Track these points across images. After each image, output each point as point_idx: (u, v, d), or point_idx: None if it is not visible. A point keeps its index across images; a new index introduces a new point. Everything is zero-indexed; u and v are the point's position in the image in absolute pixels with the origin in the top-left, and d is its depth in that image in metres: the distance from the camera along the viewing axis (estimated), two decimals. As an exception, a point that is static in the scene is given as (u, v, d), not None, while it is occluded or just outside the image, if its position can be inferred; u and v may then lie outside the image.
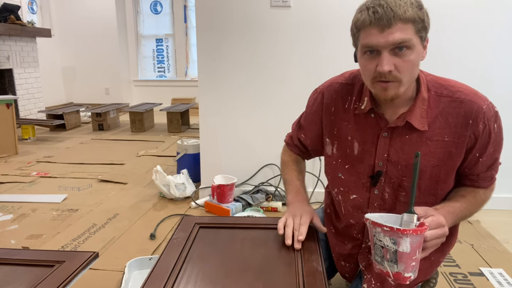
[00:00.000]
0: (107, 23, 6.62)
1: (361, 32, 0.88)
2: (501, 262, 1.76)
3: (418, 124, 0.94)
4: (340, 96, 1.06)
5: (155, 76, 7.19)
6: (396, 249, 0.75)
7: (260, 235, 1.03)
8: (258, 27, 2.28)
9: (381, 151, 0.99)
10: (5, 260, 0.90)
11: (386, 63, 0.85)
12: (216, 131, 2.45)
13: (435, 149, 0.95)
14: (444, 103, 0.94)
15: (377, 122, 0.99)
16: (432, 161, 0.95)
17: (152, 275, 0.83)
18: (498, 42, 2.16)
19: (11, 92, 5.02)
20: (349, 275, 1.19)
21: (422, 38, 0.87)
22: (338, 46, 2.24)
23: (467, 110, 0.92)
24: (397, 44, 0.84)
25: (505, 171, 2.32)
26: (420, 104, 0.94)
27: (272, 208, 2.33)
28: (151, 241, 1.97)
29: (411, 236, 0.73)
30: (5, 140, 3.61)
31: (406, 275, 0.76)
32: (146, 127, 4.89)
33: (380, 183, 1.01)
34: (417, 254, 0.76)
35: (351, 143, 1.03)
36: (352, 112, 1.03)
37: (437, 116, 0.94)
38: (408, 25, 0.83)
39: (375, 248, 0.79)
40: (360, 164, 1.03)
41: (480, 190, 1.02)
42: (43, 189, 2.73)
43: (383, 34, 0.83)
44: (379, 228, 0.76)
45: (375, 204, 1.04)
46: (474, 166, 0.98)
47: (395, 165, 0.98)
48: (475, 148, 0.95)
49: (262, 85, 2.35)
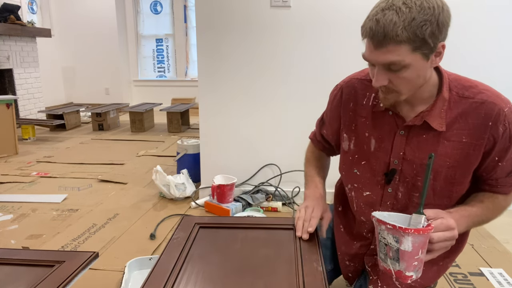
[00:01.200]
0: (107, 23, 6.62)
1: (364, 40, 0.87)
2: (501, 262, 1.76)
3: (436, 125, 0.92)
4: (359, 92, 1.05)
5: (155, 76, 7.19)
6: (398, 248, 0.75)
7: (260, 235, 1.03)
8: (258, 27, 2.28)
9: (397, 149, 0.98)
10: (5, 260, 0.90)
11: (377, 80, 0.86)
12: (216, 131, 2.45)
13: (452, 150, 0.93)
14: (465, 104, 0.91)
15: (394, 120, 0.98)
16: (448, 162, 0.94)
17: (152, 275, 0.83)
18: (500, 41, 2.17)
19: (11, 92, 5.02)
20: (352, 276, 1.18)
21: (424, 54, 0.82)
22: (338, 46, 2.24)
23: (488, 112, 0.89)
24: (387, 65, 0.83)
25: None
26: (440, 104, 0.92)
27: (272, 208, 2.33)
28: (151, 241, 1.97)
29: (413, 235, 0.74)
30: (5, 140, 3.61)
31: (407, 274, 0.76)
32: (146, 127, 4.89)
33: (394, 181, 1.00)
34: (420, 254, 0.76)
35: (368, 139, 1.03)
36: (371, 108, 1.02)
37: (457, 117, 0.92)
38: (401, 45, 0.80)
39: (380, 245, 0.80)
40: (376, 161, 1.02)
41: (500, 196, 0.98)
42: (43, 189, 2.73)
43: (376, 52, 0.83)
44: (383, 225, 0.77)
45: (388, 203, 1.03)
46: (493, 170, 0.95)
47: (410, 164, 0.97)
48: (493, 151, 0.92)
49: (262, 85, 2.35)
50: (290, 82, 2.33)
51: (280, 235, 1.03)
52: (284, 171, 2.45)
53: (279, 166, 2.45)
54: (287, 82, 2.33)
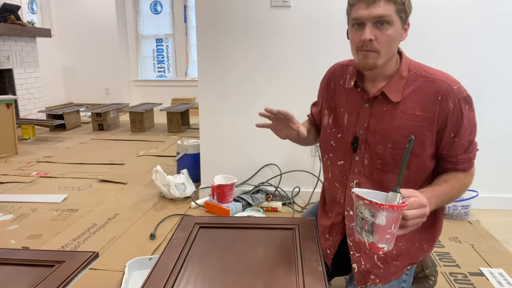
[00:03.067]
0: (107, 23, 6.62)
1: (352, 8, 1.03)
2: (501, 262, 1.76)
3: (393, 96, 1.06)
4: (339, 74, 1.22)
5: (155, 76, 7.19)
6: (373, 221, 0.81)
7: (260, 235, 1.03)
8: (258, 27, 2.28)
9: (362, 121, 1.12)
10: (5, 260, 0.90)
11: (368, 33, 1.00)
12: (216, 131, 2.45)
13: (407, 122, 1.06)
14: (420, 82, 1.06)
15: (361, 95, 1.13)
16: (404, 133, 1.06)
17: (152, 275, 0.83)
18: (497, 39, 2.17)
19: (11, 92, 5.02)
20: (330, 251, 1.22)
21: (401, 18, 1.01)
22: (338, 46, 2.24)
23: (438, 88, 1.04)
24: (378, 18, 0.99)
25: (505, 171, 2.33)
26: (397, 79, 1.07)
27: (272, 208, 2.33)
28: (151, 241, 1.97)
29: (388, 210, 0.80)
30: (5, 140, 3.61)
31: (379, 246, 0.83)
32: (146, 127, 4.89)
33: (360, 150, 1.13)
34: (393, 228, 0.82)
35: (343, 114, 1.17)
36: (345, 87, 1.18)
37: (412, 93, 1.06)
38: (390, 4, 0.99)
39: (357, 219, 0.86)
40: (347, 133, 1.16)
41: (461, 174, 1.09)
42: (43, 189, 2.73)
43: (368, 8, 0.99)
44: (361, 201, 0.83)
45: (356, 170, 1.14)
46: (451, 147, 1.06)
47: (373, 133, 1.10)
48: (447, 127, 1.04)
49: (262, 85, 2.35)
50: (290, 82, 2.33)
51: (280, 235, 1.03)
52: (284, 171, 2.45)
53: (279, 166, 2.45)
54: (287, 82, 2.33)
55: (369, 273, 1.11)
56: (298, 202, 2.44)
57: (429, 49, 2.15)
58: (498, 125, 2.25)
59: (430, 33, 2.15)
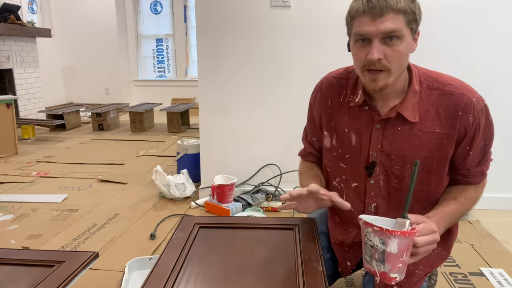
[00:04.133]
0: (107, 23, 6.61)
1: (355, 21, 0.90)
2: (501, 262, 1.76)
3: (410, 116, 0.97)
4: (336, 89, 1.10)
5: (155, 76, 7.19)
6: (384, 249, 0.77)
7: (260, 235, 1.03)
8: (258, 27, 2.28)
9: (375, 142, 1.03)
10: (5, 260, 0.90)
11: (376, 51, 0.88)
12: (216, 131, 2.45)
13: (426, 141, 0.98)
14: (435, 96, 0.97)
15: (371, 114, 1.03)
16: (424, 152, 0.99)
17: (152, 275, 0.83)
18: (496, 38, 2.17)
19: (11, 92, 5.02)
20: (350, 264, 1.18)
21: (412, 29, 0.90)
22: (338, 46, 2.24)
23: (457, 103, 0.95)
24: (387, 33, 0.87)
25: (505, 171, 2.33)
26: (411, 96, 0.98)
27: (272, 208, 2.33)
28: (151, 241, 1.97)
29: (399, 237, 0.76)
30: (5, 140, 3.61)
31: (392, 276, 0.78)
32: (146, 127, 4.89)
33: (375, 173, 1.05)
34: (404, 256, 0.78)
35: (348, 134, 1.07)
36: (347, 105, 1.07)
37: (428, 109, 0.97)
38: (399, 15, 0.86)
39: (366, 247, 0.82)
40: (359, 155, 1.06)
41: (471, 188, 1.04)
42: (43, 189, 2.73)
43: (375, 22, 0.86)
44: (370, 228, 0.79)
45: (372, 193, 1.07)
46: (465, 159, 1.01)
47: (388, 155, 1.02)
48: (464, 140, 0.98)
49: (262, 85, 2.35)
50: (290, 81, 2.33)
51: (280, 235, 1.03)
52: (284, 171, 2.45)
53: (279, 166, 2.45)
54: (287, 81, 2.33)
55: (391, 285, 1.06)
56: (298, 202, 2.43)
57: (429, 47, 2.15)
58: (498, 125, 2.25)
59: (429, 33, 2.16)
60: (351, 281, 1.60)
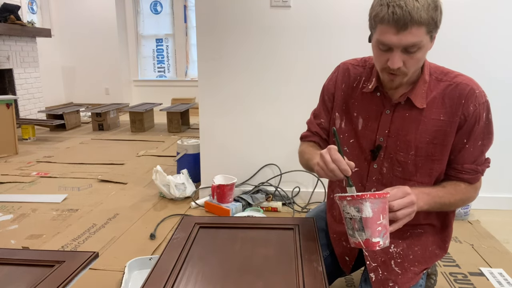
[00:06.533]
0: (107, 23, 6.61)
1: (378, 26, 0.92)
2: (501, 262, 1.76)
3: (418, 102, 1.02)
4: (351, 75, 1.15)
5: (155, 76, 7.19)
6: (360, 216, 0.80)
7: (260, 235, 1.03)
8: (258, 27, 2.28)
9: (383, 127, 1.07)
10: (5, 260, 0.90)
11: (397, 62, 0.92)
12: (216, 131, 2.45)
13: (431, 127, 1.02)
14: (442, 86, 1.02)
15: (382, 100, 1.07)
16: (427, 138, 1.03)
17: (152, 275, 0.83)
18: (499, 38, 2.17)
19: (11, 92, 5.02)
20: (349, 259, 1.19)
21: (432, 36, 0.93)
22: (338, 46, 2.24)
23: (461, 92, 1.00)
24: (408, 46, 0.90)
25: (505, 171, 2.33)
26: (421, 85, 1.02)
27: (272, 208, 2.33)
28: (151, 241, 1.97)
29: (370, 200, 0.79)
30: (5, 140, 3.61)
31: (374, 240, 0.81)
32: (146, 127, 4.89)
33: (379, 157, 1.08)
34: (382, 219, 0.80)
35: (356, 119, 1.12)
36: (360, 91, 1.11)
37: (435, 97, 1.02)
38: (421, 27, 0.88)
39: (346, 222, 0.84)
40: (363, 139, 1.10)
41: (462, 184, 1.05)
42: (43, 189, 2.73)
43: (398, 35, 0.89)
44: (344, 200, 0.82)
45: (374, 178, 1.10)
46: (460, 152, 1.03)
47: (394, 140, 1.06)
48: (462, 129, 1.01)
49: (262, 85, 2.35)
50: (290, 81, 2.33)
51: (280, 235, 1.03)
52: (284, 171, 2.45)
53: (279, 166, 2.45)
54: (287, 81, 2.33)
55: (387, 280, 1.07)
56: (298, 202, 2.43)
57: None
58: (498, 125, 2.25)
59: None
60: (351, 281, 1.60)
